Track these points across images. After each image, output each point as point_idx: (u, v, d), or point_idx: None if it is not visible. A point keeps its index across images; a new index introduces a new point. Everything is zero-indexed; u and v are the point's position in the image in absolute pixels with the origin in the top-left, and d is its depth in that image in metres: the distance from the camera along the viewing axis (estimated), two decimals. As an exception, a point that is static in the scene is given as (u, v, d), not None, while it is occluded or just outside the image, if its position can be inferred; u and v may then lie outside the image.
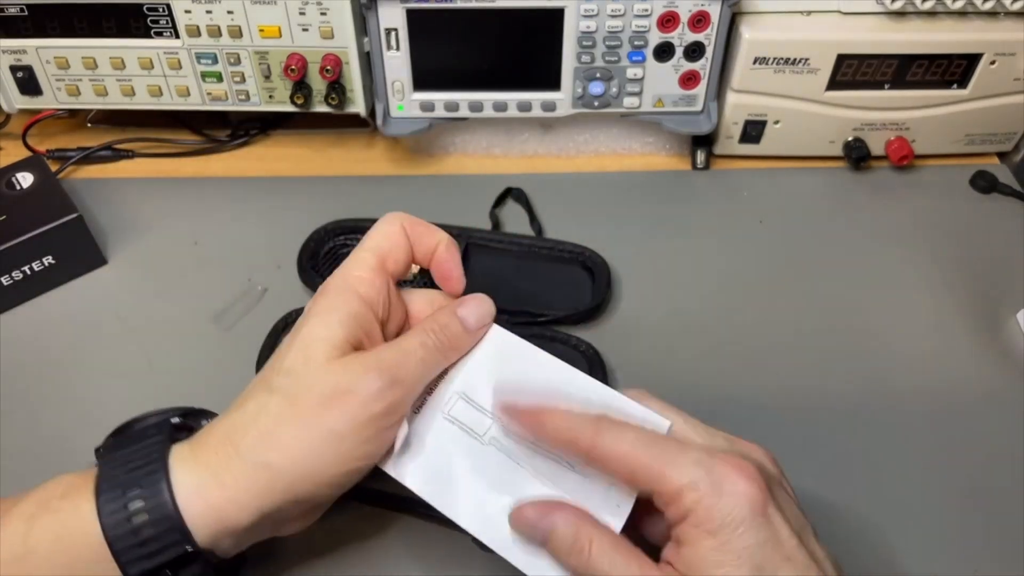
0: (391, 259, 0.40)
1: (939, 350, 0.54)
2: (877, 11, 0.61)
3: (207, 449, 0.36)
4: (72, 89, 0.63)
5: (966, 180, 0.66)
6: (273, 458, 0.35)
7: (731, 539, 0.30)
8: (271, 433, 0.35)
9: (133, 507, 0.34)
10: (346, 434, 0.35)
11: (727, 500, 0.31)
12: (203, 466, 0.35)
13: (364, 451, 0.36)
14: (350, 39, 0.60)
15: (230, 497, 0.35)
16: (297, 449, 0.35)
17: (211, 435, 0.36)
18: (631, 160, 0.69)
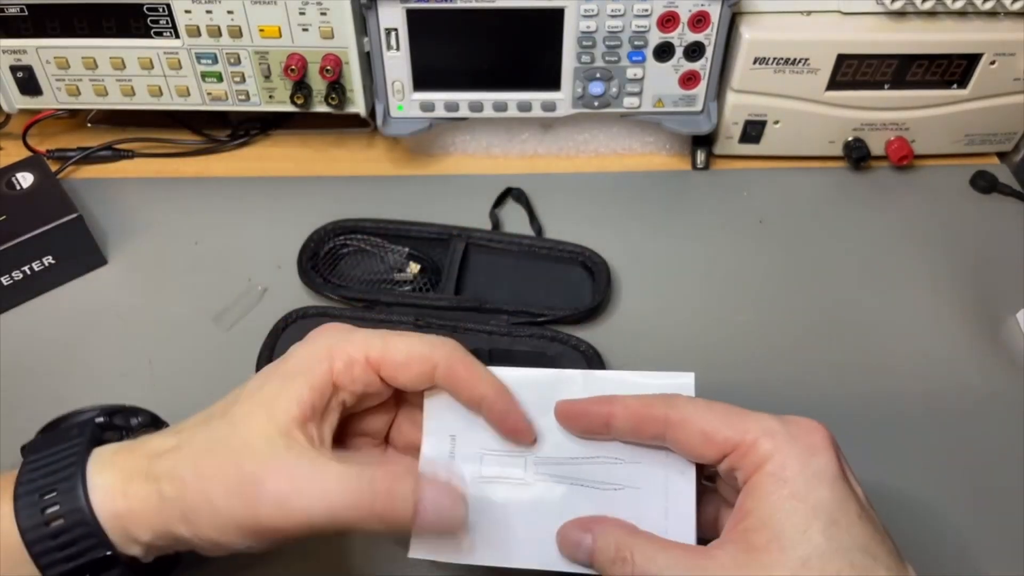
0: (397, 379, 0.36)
1: (939, 350, 0.54)
2: (877, 11, 0.61)
3: (129, 457, 0.35)
4: (72, 89, 0.63)
5: (966, 180, 0.66)
6: (169, 490, 0.33)
7: (807, 488, 0.30)
8: (180, 466, 0.34)
9: (49, 511, 0.33)
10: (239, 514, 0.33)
11: (804, 450, 0.30)
12: (118, 472, 0.34)
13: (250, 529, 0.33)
14: (350, 39, 0.60)
15: (130, 509, 0.34)
16: (194, 492, 0.33)
17: (138, 447, 0.35)
18: (631, 160, 0.69)
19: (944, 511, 0.46)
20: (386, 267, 0.57)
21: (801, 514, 0.29)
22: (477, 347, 0.51)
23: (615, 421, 0.35)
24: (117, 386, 0.51)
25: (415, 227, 0.59)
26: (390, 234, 0.59)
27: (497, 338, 0.52)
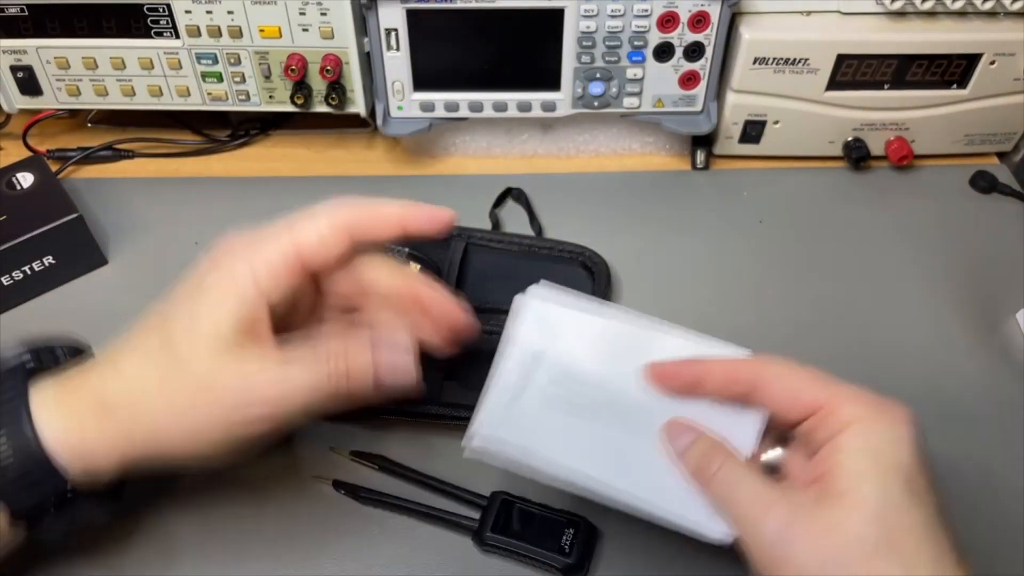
0: (316, 261, 0.37)
1: (938, 350, 0.54)
2: (877, 11, 0.61)
3: (74, 396, 0.36)
4: (72, 89, 0.63)
5: (966, 180, 0.67)
6: (136, 423, 0.35)
7: (890, 450, 0.31)
8: (134, 397, 0.35)
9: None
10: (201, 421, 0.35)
11: (890, 419, 0.32)
12: (68, 413, 0.35)
13: (221, 439, 0.35)
14: (350, 39, 0.60)
15: (92, 447, 0.35)
16: (159, 419, 0.35)
17: (81, 385, 0.36)
18: (631, 160, 0.69)
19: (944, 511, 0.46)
20: None
21: (884, 467, 0.31)
22: (477, 347, 0.51)
23: (707, 380, 0.36)
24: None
25: None
26: None
27: (497, 338, 0.51)
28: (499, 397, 0.39)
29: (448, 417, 0.47)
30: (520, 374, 0.39)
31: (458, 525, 0.44)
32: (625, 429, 0.38)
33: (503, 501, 0.45)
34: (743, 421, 0.37)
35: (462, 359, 0.50)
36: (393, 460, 0.47)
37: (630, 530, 0.45)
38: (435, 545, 0.45)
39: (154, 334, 0.37)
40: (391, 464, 0.47)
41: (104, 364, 0.37)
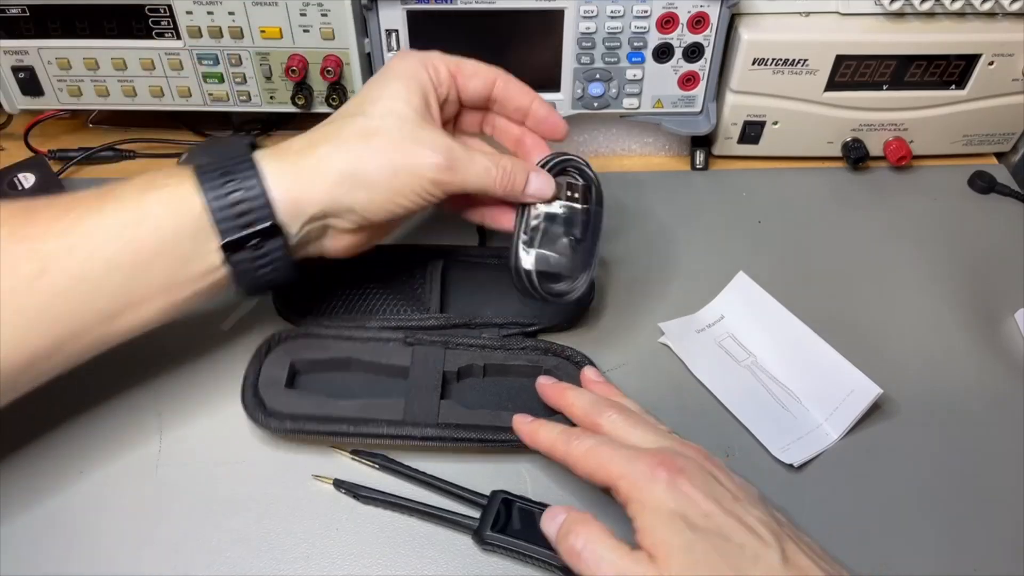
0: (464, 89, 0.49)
1: (937, 349, 0.54)
2: (875, 12, 0.61)
3: (290, 153, 0.43)
4: (74, 90, 0.64)
5: (964, 180, 0.67)
6: (343, 167, 0.43)
7: (657, 508, 0.37)
8: (345, 147, 0.43)
9: (229, 186, 0.41)
10: (400, 174, 0.43)
11: (647, 483, 0.37)
12: (287, 164, 0.43)
13: (410, 196, 0.44)
14: (351, 40, 0.60)
15: (304, 188, 0.42)
16: (362, 166, 0.43)
17: (293, 144, 0.44)
18: (630, 160, 0.69)
19: (943, 511, 0.47)
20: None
21: (663, 526, 0.36)
22: (471, 363, 0.50)
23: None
24: (118, 384, 0.51)
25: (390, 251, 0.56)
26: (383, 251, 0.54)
27: (490, 352, 0.51)
28: (689, 326, 0.55)
29: (447, 439, 0.47)
30: (709, 320, 0.56)
31: (458, 524, 0.45)
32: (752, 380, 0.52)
33: (503, 500, 0.45)
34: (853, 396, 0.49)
35: (458, 379, 0.50)
36: (393, 459, 0.47)
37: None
38: (435, 545, 0.45)
39: (356, 111, 0.45)
40: (391, 463, 0.47)
41: (315, 129, 0.45)
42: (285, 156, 0.43)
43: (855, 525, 0.45)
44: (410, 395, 0.48)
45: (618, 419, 0.43)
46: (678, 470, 0.38)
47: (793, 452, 0.48)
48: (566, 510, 0.40)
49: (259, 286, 0.44)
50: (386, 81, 0.46)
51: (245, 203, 0.41)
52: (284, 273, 0.44)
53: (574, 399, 0.45)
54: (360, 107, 0.45)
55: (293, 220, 0.43)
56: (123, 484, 0.47)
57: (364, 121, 0.44)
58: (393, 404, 0.48)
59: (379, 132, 0.44)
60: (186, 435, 0.49)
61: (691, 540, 0.35)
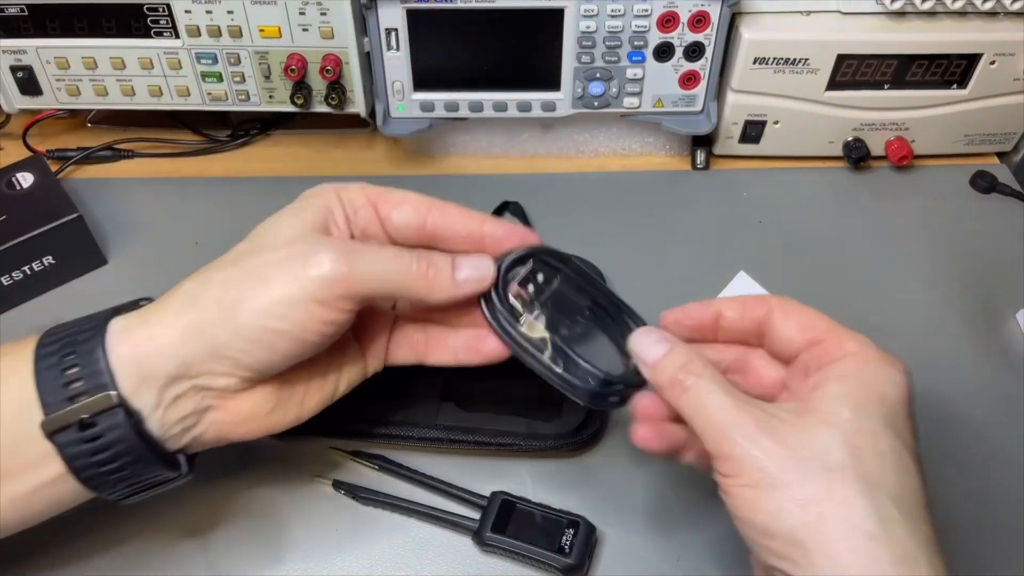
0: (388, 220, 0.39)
1: (939, 350, 0.54)
2: (877, 11, 0.61)
3: (150, 304, 0.36)
4: (72, 89, 0.63)
5: (966, 180, 0.67)
6: (201, 294, 0.34)
7: (878, 383, 0.32)
8: (208, 275, 0.35)
9: (66, 351, 0.34)
10: (274, 286, 0.34)
11: (885, 361, 0.33)
12: (138, 315, 0.36)
13: (291, 315, 0.34)
14: (350, 39, 0.60)
15: (152, 335, 0.34)
16: (223, 288, 0.34)
17: (160, 297, 0.37)
18: (631, 160, 0.69)
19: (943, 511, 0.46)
20: None
21: (867, 395, 0.32)
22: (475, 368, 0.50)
23: (723, 314, 0.38)
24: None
25: None
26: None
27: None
28: None
29: (446, 440, 0.46)
30: None
31: (458, 525, 0.44)
32: None
33: (503, 501, 0.45)
34: None
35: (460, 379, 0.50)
36: (393, 460, 0.47)
37: (630, 530, 0.45)
38: (435, 545, 0.45)
39: (240, 242, 0.37)
40: (391, 464, 0.47)
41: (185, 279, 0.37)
42: (140, 311, 0.36)
43: (857, 526, 0.45)
44: (410, 396, 0.48)
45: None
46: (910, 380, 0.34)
47: None
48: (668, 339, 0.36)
49: (108, 484, 0.35)
50: (283, 209, 0.38)
51: (78, 370, 0.33)
52: (142, 466, 0.34)
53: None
54: (246, 238, 0.37)
55: (143, 386, 0.34)
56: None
57: (240, 246, 0.36)
58: (393, 405, 0.48)
59: (252, 249, 0.35)
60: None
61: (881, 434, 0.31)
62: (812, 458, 0.30)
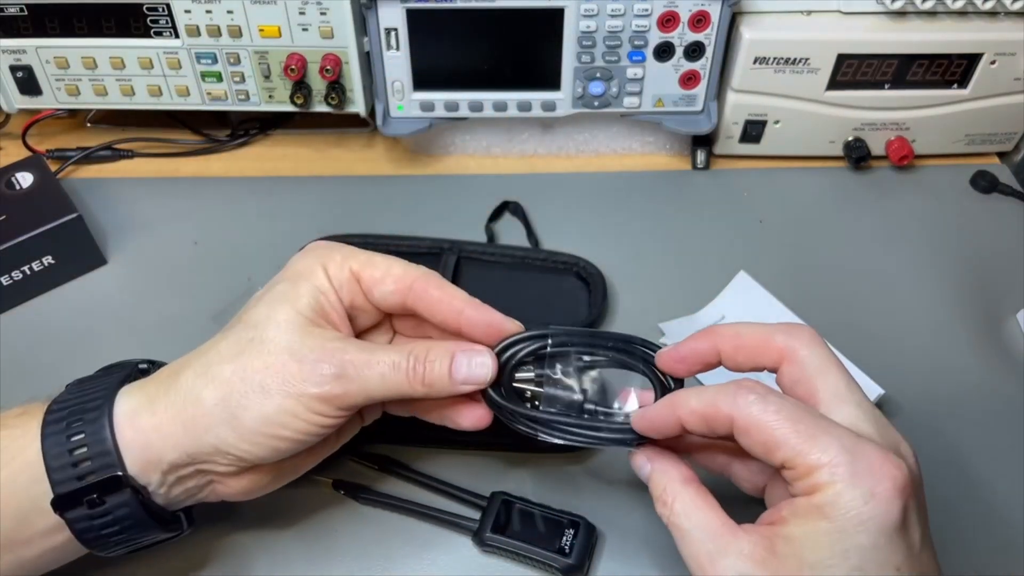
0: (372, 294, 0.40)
1: (939, 350, 0.54)
2: (877, 11, 0.60)
3: (153, 381, 0.37)
4: (72, 89, 0.63)
5: (966, 180, 0.66)
6: (204, 394, 0.35)
7: (848, 530, 0.29)
8: (210, 369, 0.36)
9: (75, 428, 0.35)
10: (275, 396, 0.35)
11: (861, 494, 0.29)
12: (143, 395, 0.36)
13: (292, 424, 0.35)
14: (350, 39, 0.60)
15: (157, 425, 0.35)
16: (227, 391, 0.35)
17: (163, 370, 0.38)
18: (631, 160, 0.69)
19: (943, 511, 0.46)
20: None
21: (829, 551, 0.29)
22: None
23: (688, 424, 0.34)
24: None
25: (405, 242, 0.57)
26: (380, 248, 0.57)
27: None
28: (689, 326, 0.53)
29: (446, 440, 0.46)
30: (709, 320, 0.54)
31: (458, 525, 0.44)
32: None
33: (503, 501, 0.45)
34: None
35: None
36: (393, 460, 0.47)
37: (630, 530, 0.45)
38: (435, 545, 0.44)
39: (236, 321, 0.38)
40: (391, 464, 0.47)
41: (191, 354, 0.38)
42: (144, 388, 0.37)
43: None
44: None
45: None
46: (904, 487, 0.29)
47: None
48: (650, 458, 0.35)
49: (110, 545, 0.36)
50: (274, 284, 0.38)
51: (86, 450, 0.35)
52: (146, 531, 0.36)
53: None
54: (241, 315, 0.38)
55: (149, 470, 0.36)
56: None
57: (239, 333, 0.37)
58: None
59: (251, 345, 0.36)
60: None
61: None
62: None
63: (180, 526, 0.39)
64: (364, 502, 0.46)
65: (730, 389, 0.32)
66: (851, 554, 0.29)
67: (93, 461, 0.35)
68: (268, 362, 0.35)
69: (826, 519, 0.29)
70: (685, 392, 0.34)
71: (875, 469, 0.29)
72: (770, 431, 0.31)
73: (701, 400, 0.33)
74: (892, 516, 0.29)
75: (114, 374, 0.38)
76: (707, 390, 0.33)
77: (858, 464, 0.29)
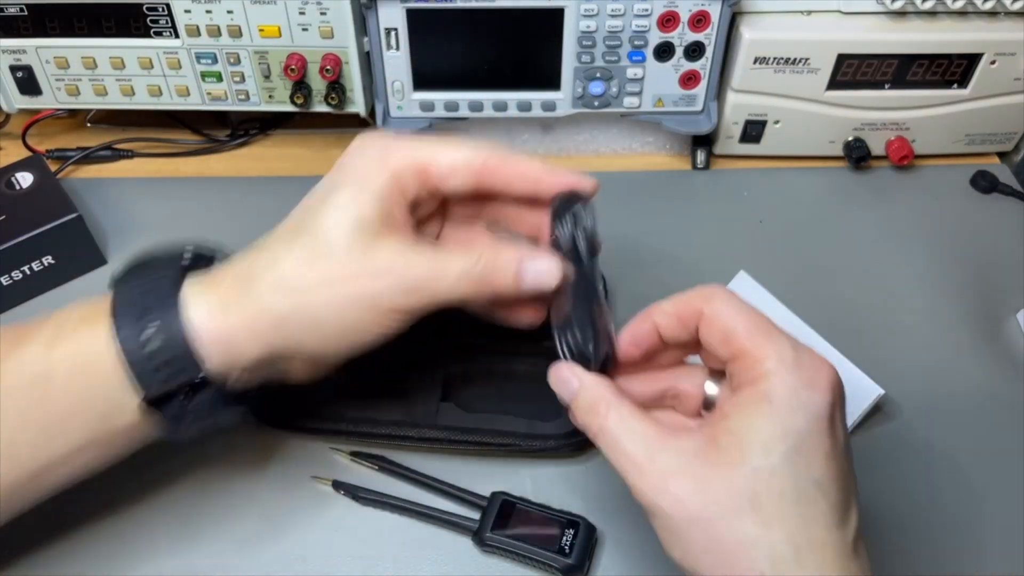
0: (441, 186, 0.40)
1: (939, 350, 0.54)
2: (877, 11, 0.61)
3: (221, 286, 0.37)
4: (72, 89, 0.63)
5: (966, 180, 0.66)
6: (282, 306, 0.36)
7: (786, 414, 0.31)
8: (285, 283, 0.36)
9: (147, 333, 0.35)
10: (351, 308, 0.36)
11: (801, 381, 0.32)
12: (215, 300, 0.37)
13: (368, 329, 0.37)
14: (350, 39, 0.60)
15: (235, 333, 0.36)
16: (304, 304, 0.36)
17: (227, 273, 0.38)
18: (631, 160, 0.69)
19: (944, 511, 0.46)
20: None
21: (770, 433, 0.31)
22: (474, 367, 0.50)
23: (663, 327, 0.37)
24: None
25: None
26: None
27: (495, 358, 0.51)
28: None
29: (446, 440, 0.46)
30: None
31: (458, 525, 0.44)
32: None
33: (503, 501, 0.45)
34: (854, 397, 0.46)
35: (461, 380, 0.50)
36: (393, 460, 0.47)
37: (630, 530, 0.45)
38: (435, 545, 0.44)
39: (299, 226, 0.38)
40: (391, 464, 0.47)
41: (249, 252, 0.38)
42: (214, 292, 0.37)
43: (857, 526, 0.45)
44: (410, 396, 0.48)
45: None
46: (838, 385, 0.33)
47: None
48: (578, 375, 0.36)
49: (189, 431, 0.38)
50: (335, 188, 0.38)
51: (167, 354, 0.35)
52: (222, 416, 0.38)
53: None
54: (303, 220, 0.38)
55: (228, 368, 0.37)
56: (122, 485, 0.47)
57: (306, 242, 0.37)
58: (393, 404, 0.48)
59: (322, 256, 0.36)
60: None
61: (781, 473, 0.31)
62: (716, 503, 0.31)
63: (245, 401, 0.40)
64: (364, 502, 0.46)
65: (703, 289, 0.36)
66: (789, 436, 0.31)
67: (176, 365, 0.36)
68: (344, 274, 0.36)
69: (768, 403, 0.32)
70: (657, 302, 0.37)
71: (816, 365, 0.33)
72: (732, 323, 0.34)
73: (674, 301, 0.36)
74: (825, 405, 0.32)
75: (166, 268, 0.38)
76: (679, 295, 0.36)
77: (801, 359, 0.33)
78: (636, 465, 0.33)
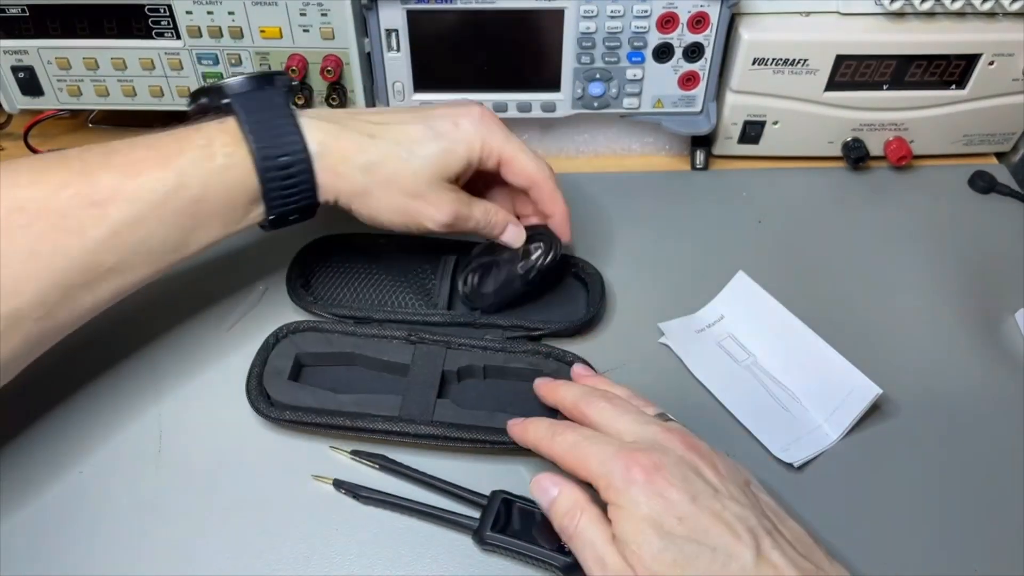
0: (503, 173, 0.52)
1: (937, 350, 0.54)
2: (876, 12, 0.61)
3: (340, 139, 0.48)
4: (73, 90, 0.63)
5: (965, 180, 0.67)
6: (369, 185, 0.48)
7: (631, 514, 0.37)
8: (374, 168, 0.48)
9: (282, 162, 0.46)
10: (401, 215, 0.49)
11: (623, 485, 0.38)
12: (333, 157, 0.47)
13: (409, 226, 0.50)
14: (351, 40, 0.60)
15: (338, 187, 0.48)
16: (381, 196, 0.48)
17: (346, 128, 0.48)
18: (630, 160, 0.69)
19: (943, 511, 0.47)
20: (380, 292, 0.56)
21: (635, 530, 0.37)
22: (471, 364, 0.50)
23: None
24: (118, 385, 0.52)
25: (406, 242, 0.57)
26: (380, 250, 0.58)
27: (492, 354, 0.51)
28: (689, 326, 0.55)
29: (442, 437, 0.47)
30: (709, 320, 0.56)
31: (458, 524, 0.45)
32: (752, 380, 0.52)
33: (503, 500, 0.45)
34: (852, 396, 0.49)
35: (458, 379, 0.50)
36: (393, 459, 0.47)
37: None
38: (435, 545, 0.45)
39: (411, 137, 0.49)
40: (391, 463, 0.47)
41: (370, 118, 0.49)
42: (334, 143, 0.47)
43: (855, 525, 0.45)
44: (407, 392, 0.48)
45: (606, 407, 0.43)
46: (654, 468, 0.38)
47: (793, 452, 0.48)
48: (557, 484, 0.41)
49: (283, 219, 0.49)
50: (441, 135, 0.49)
51: (295, 186, 0.47)
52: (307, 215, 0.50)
53: (565, 392, 0.45)
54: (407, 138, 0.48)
55: (328, 190, 0.48)
56: (122, 484, 0.47)
57: (403, 155, 0.48)
58: (390, 400, 0.48)
59: (406, 174, 0.48)
60: (186, 436, 0.49)
61: (661, 549, 0.36)
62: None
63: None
64: (364, 501, 0.46)
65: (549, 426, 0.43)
66: (646, 523, 0.37)
67: (298, 191, 0.47)
68: (407, 190, 0.48)
69: (620, 509, 0.38)
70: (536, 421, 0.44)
71: (630, 467, 0.38)
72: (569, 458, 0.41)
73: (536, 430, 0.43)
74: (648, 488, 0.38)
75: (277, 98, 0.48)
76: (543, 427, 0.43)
77: (619, 467, 0.38)
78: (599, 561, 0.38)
